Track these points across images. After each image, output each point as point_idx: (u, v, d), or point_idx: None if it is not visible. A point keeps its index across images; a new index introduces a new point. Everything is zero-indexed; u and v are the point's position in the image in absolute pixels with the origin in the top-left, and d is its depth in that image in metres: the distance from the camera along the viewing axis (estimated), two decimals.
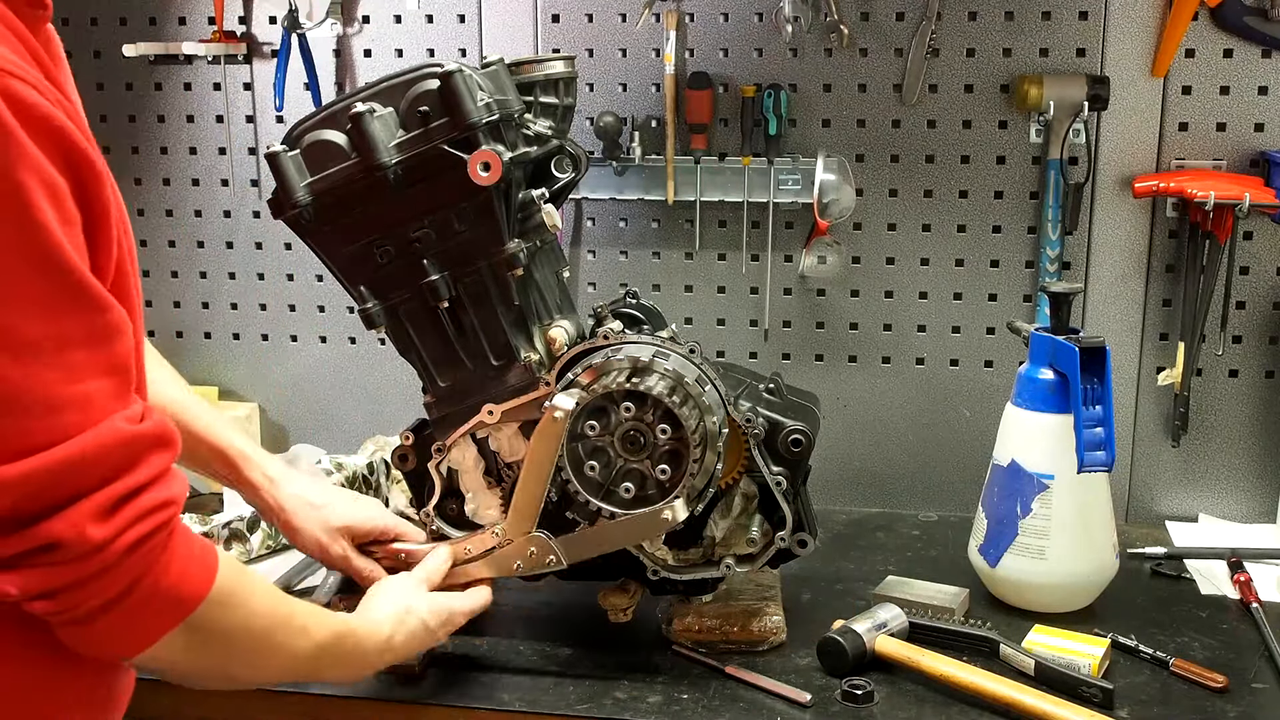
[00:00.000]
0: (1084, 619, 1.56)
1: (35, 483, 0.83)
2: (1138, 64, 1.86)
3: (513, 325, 1.44)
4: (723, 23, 1.95)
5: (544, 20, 1.99)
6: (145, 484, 0.89)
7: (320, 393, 2.17)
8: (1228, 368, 1.93)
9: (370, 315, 1.43)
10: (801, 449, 1.42)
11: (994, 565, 1.60)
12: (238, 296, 2.18)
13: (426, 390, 1.49)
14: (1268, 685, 1.42)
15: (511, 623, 1.57)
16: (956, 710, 1.35)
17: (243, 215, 2.15)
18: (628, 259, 2.04)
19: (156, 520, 0.90)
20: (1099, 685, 1.36)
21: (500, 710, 1.37)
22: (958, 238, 1.96)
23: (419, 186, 1.38)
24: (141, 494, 0.89)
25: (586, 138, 1.95)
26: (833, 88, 1.95)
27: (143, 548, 0.90)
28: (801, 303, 2.02)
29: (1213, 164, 1.88)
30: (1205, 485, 1.97)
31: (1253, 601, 1.60)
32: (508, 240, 1.40)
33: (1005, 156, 1.93)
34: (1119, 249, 1.92)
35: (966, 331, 1.99)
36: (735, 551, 1.45)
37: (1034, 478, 1.56)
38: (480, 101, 1.35)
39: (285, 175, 1.38)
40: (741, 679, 1.41)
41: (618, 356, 1.39)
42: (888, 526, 1.94)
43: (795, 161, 1.93)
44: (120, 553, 0.88)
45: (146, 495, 0.89)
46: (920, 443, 2.02)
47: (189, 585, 0.95)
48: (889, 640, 1.44)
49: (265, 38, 2.08)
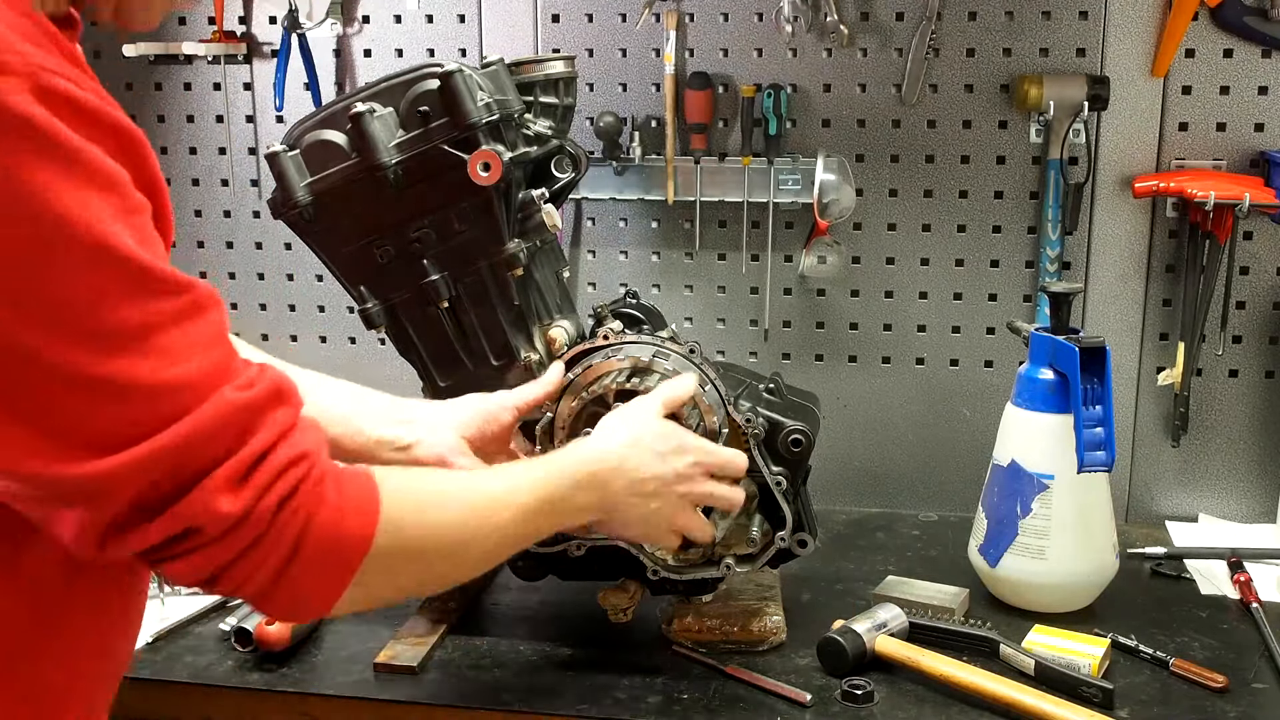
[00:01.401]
0: (1084, 619, 1.56)
1: (152, 467, 0.81)
2: (1138, 64, 1.86)
3: (512, 325, 1.44)
4: (723, 23, 1.95)
5: (544, 20, 1.99)
6: (271, 445, 0.87)
7: None
8: (1228, 368, 1.93)
9: (370, 315, 1.43)
10: (801, 449, 1.42)
11: (994, 565, 1.60)
12: (238, 296, 2.18)
13: (426, 390, 1.49)
14: (1268, 685, 1.42)
15: (511, 623, 1.57)
16: (956, 710, 1.35)
17: (243, 215, 2.15)
18: (628, 259, 2.04)
19: (294, 476, 0.88)
20: (1099, 685, 1.36)
21: (500, 710, 1.37)
22: (958, 238, 1.96)
23: (419, 186, 1.38)
24: (269, 455, 0.87)
25: (586, 138, 1.95)
26: (833, 88, 1.95)
27: (289, 507, 0.87)
28: (801, 303, 2.02)
29: (1213, 164, 1.88)
30: (1205, 485, 1.97)
31: (1253, 601, 1.60)
32: (508, 240, 1.40)
33: (1005, 156, 1.93)
34: (1119, 249, 1.92)
35: (966, 331, 1.99)
36: (735, 551, 1.45)
37: (1034, 478, 1.56)
38: (480, 101, 1.35)
39: (285, 175, 1.39)
40: (741, 679, 1.41)
41: (618, 356, 1.39)
42: (888, 526, 1.94)
43: (795, 161, 1.93)
44: (266, 518, 0.86)
45: (275, 455, 0.87)
46: (920, 443, 2.02)
47: (353, 530, 0.92)
48: (889, 640, 1.44)
49: (265, 38, 2.07)
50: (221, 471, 0.84)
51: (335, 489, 0.91)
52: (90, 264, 0.77)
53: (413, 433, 1.32)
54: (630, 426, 1.26)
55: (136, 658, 1.46)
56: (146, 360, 0.80)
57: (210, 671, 1.44)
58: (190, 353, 0.83)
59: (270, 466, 0.87)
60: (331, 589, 0.92)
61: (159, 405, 0.81)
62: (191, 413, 0.82)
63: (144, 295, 0.80)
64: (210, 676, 1.43)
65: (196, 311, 0.84)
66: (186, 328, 0.83)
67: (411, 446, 1.31)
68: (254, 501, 0.85)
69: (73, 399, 0.78)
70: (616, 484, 1.20)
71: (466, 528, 1.05)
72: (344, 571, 0.92)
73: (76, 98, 0.76)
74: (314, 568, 0.90)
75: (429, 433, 1.32)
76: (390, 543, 0.94)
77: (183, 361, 0.82)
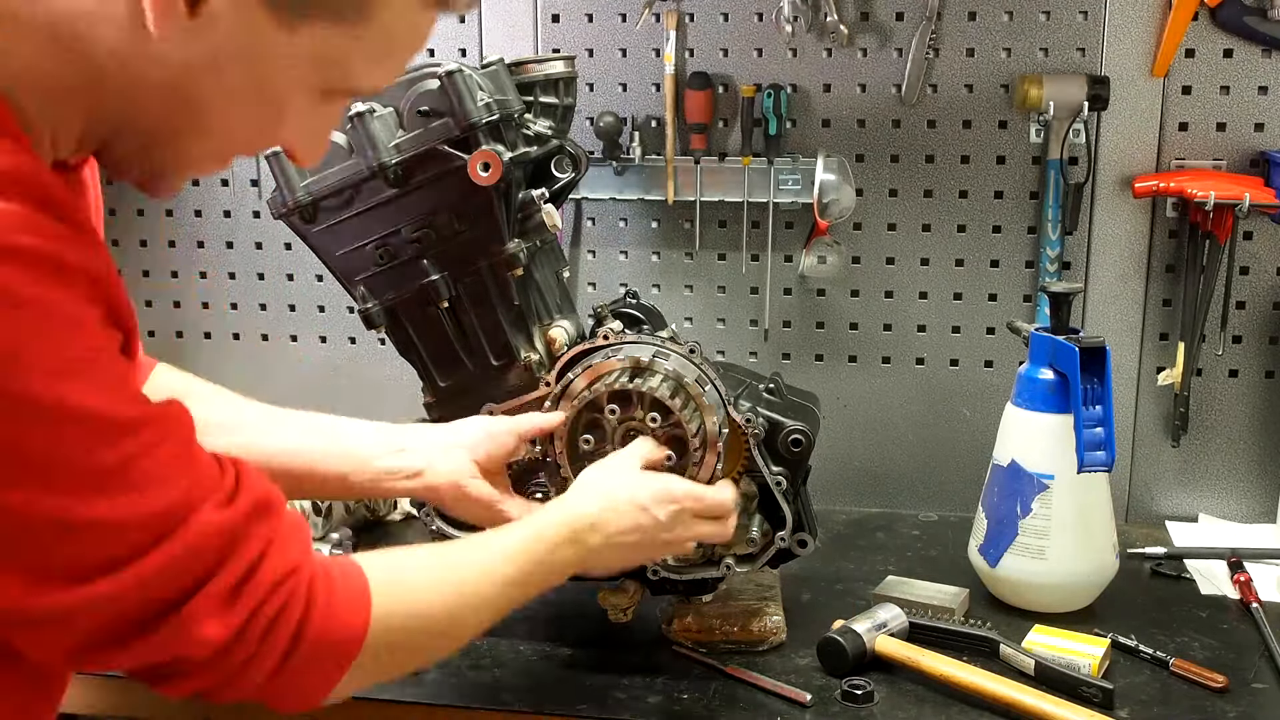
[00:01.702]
0: (1084, 619, 1.56)
1: (123, 596, 0.79)
2: (1138, 64, 1.86)
3: (513, 325, 1.44)
4: (723, 23, 1.95)
5: (544, 20, 1.99)
6: (257, 560, 0.85)
7: (320, 393, 2.17)
8: (1228, 368, 1.93)
9: (370, 315, 1.43)
10: (801, 449, 1.42)
11: (994, 565, 1.60)
12: (238, 296, 2.18)
13: (426, 390, 1.49)
14: (1268, 685, 1.42)
15: (511, 623, 1.56)
16: (956, 710, 1.35)
17: (243, 215, 2.15)
18: (628, 259, 2.04)
19: (285, 592, 0.86)
20: (1099, 685, 1.36)
21: (500, 710, 1.37)
22: (958, 238, 1.96)
23: (419, 186, 1.38)
24: (257, 573, 0.85)
25: (586, 138, 1.95)
26: (833, 88, 1.95)
27: (280, 621, 0.86)
28: (801, 303, 2.02)
29: (1213, 164, 1.88)
30: (1205, 485, 1.97)
31: (1253, 601, 1.60)
32: (508, 240, 1.40)
33: (1005, 156, 1.93)
34: (1119, 249, 1.92)
35: (966, 331, 1.99)
36: (735, 551, 1.45)
37: (1034, 478, 1.56)
38: (480, 101, 1.35)
39: (285, 175, 1.39)
40: (741, 679, 1.41)
41: (618, 356, 1.39)
42: (888, 526, 1.94)
43: (795, 161, 1.93)
44: (257, 638, 0.85)
45: (262, 572, 0.85)
46: (920, 443, 2.02)
47: (346, 627, 0.91)
48: (889, 640, 1.44)
49: None
50: (204, 595, 0.82)
51: (325, 588, 0.90)
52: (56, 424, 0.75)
53: (419, 459, 1.30)
54: (606, 482, 1.25)
55: None
56: (125, 496, 0.78)
57: None
58: (165, 477, 0.81)
59: (259, 585, 0.85)
60: (325, 683, 0.92)
61: (137, 535, 0.79)
62: (169, 538, 0.80)
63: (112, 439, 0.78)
64: None
65: (165, 434, 0.82)
66: (158, 454, 0.81)
67: (422, 473, 1.29)
68: (244, 624, 0.84)
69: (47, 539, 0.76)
70: (593, 540, 1.19)
71: (453, 608, 1.04)
72: (338, 667, 0.91)
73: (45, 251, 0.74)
74: (308, 667, 0.89)
75: (438, 456, 1.31)
76: (382, 634, 0.93)
77: (160, 487, 0.80)
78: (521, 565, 1.11)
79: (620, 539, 1.21)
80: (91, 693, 1.43)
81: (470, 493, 1.30)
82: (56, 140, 0.83)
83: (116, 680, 1.43)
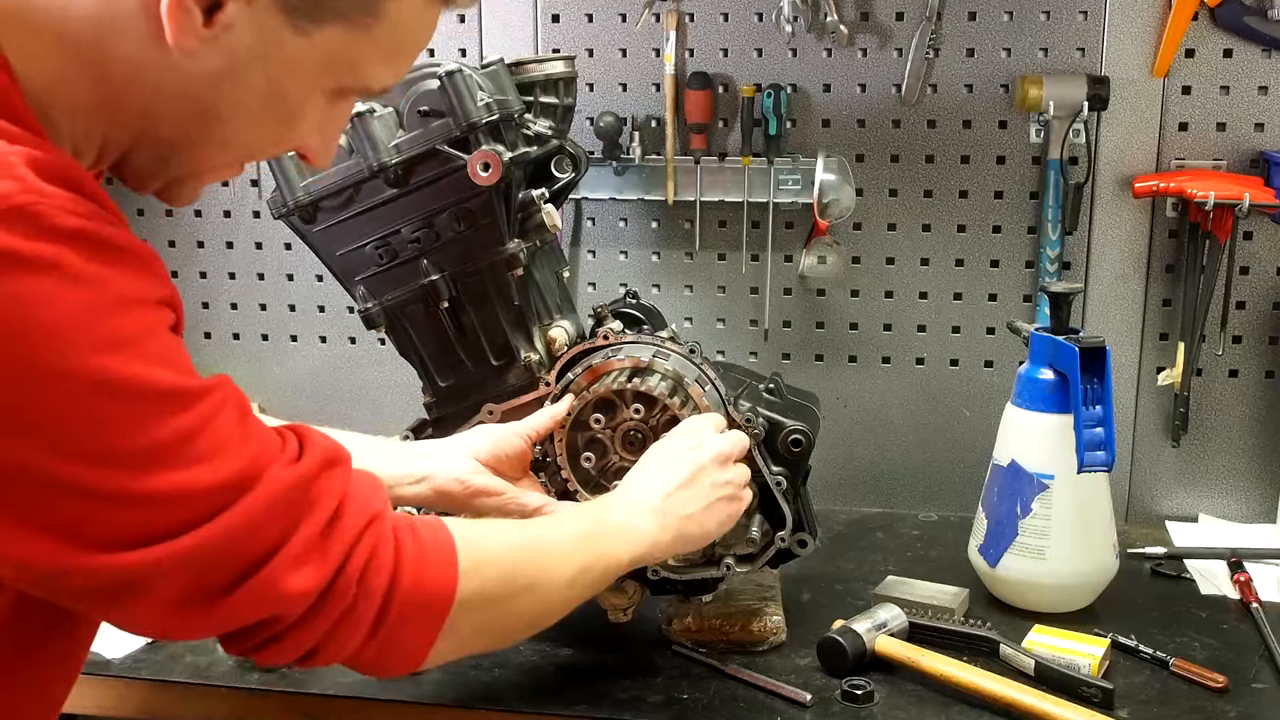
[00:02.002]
0: (1084, 619, 1.56)
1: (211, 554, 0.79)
2: (1138, 64, 1.86)
3: (513, 325, 1.44)
4: (723, 23, 1.95)
5: (544, 20, 1.99)
6: (335, 512, 0.85)
7: (320, 393, 2.17)
8: (1228, 368, 1.93)
9: (370, 315, 1.43)
10: (801, 449, 1.42)
11: (994, 565, 1.60)
12: (238, 296, 2.18)
13: (426, 390, 1.49)
14: (1268, 685, 1.42)
15: None
16: (956, 710, 1.35)
17: (243, 215, 2.15)
18: (628, 259, 2.04)
19: (371, 539, 0.87)
20: (1099, 685, 1.36)
21: (500, 710, 1.37)
22: (958, 238, 1.96)
23: (419, 187, 1.38)
24: (338, 524, 0.85)
25: (586, 138, 1.95)
26: (833, 88, 1.95)
27: (372, 568, 0.87)
28: (801, 303, 2.02)
29: (1213, 164, 1.88)
30: (1205, 485, 1.97)
31: (1253, 601, 1.60)
32: (508, 240, 1.40)
33: (1005, 156, 1.93)
34: (1119, 249, 1.92)
35: (966, 331, 1.99)
36: (735, 551, 1.45)
37: (1034, 478, 1.56)
38: (480, 101, 1.35)
39: (285, 175, 1.39)
40: (741, 679, 1.41)
41: (618, 356, 1.40)
42: (888, 526, 1.94)
43: (795, 161, 1.93)
44: (352, 587, 0.85)
45: (345, 522, 0.86)
46: (920, 443, 2.02)
47: (437, 580, 0.92)
48: (889, 640, 1.44)
49: None
50: (287, 551, 0.82)
51: (412, 541, 0.91)
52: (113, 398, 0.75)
53: (426, 465, 1.31)
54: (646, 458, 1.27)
55: (136, 658, 1.46)
56: (191, 468, 0.78)
57: (210, 671, 1.44)
58: (229, 446, 0.81)
59: (344, 535, 0.85)
60: (422, 642, 0.92)
61: (205, 502, 0.79)
62: (244, 499, 0.81)
63: (173, 410, 0.78)
64: (210, 676, 1.43)
65: (223, 403, 0.82)
66: (218, 423, 0.81)
67: (428, 477, 1.30)
68: (334, 573, 0.85)
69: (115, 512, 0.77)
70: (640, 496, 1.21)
71: (537, 561, 1.05)
72: (434, 623, 0.92)
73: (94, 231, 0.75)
74: (404, 624, 0.90)
75: (442, 461, 1.32)
76: (473, 586, 0.94)
77: (224, 456, 0.80)
78: (588, 515, 1.17)
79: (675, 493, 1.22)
80: (92, 692, 1.43)
81: (478, 485, 1.30)
82: (79, 152, 0.84)
83: (117, 680, 1.44)
